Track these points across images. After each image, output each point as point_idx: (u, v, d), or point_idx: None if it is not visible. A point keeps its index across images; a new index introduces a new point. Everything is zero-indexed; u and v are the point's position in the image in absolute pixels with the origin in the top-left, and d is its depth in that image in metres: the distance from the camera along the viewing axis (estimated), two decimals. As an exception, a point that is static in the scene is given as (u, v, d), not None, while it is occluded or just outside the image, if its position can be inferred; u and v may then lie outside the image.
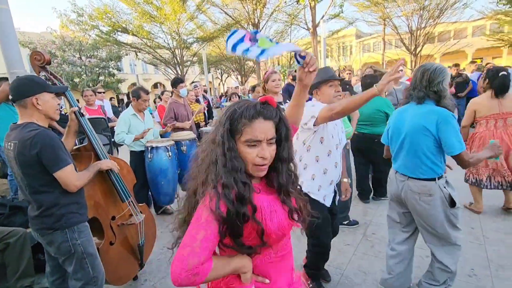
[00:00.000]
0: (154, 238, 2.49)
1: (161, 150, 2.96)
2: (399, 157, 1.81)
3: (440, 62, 20.77)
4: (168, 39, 15.37)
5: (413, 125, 1.70)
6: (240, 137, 0.83)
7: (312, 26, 13.46)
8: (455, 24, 19.52)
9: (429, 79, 1.65)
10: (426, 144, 1.66)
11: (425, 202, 1.68)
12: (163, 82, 28.18)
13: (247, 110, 0.83)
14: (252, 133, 0.82)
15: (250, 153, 0.83)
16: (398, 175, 1.83)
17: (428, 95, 1.66)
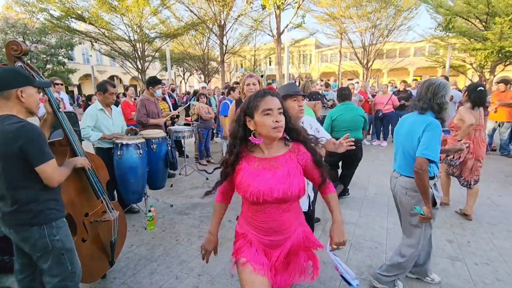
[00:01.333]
0: (125, 236, 2.48)
1: (132, 147, 2.92)
2: (397, 157, 2.09)
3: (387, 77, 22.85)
4: (129, 32, 14.61)
5: (409, 130, 1.94)
6: (258, 111, 1.20)
7: (276, 33, 13.95)
8: (401, 44, 21.86)
9: (434, 92, 1.86)
10: (413, 146, 1.88)
11: (411, 196, 1.94)
12: (120, 75, 26.56)
13: (259, 92, 1.24)
14: (265, 105, 1.19)
15: (267, 120, 1.18)
16: (394, 173, 2.12)
17: (432, 106, 1.87)
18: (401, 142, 2.03)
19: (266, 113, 1.18)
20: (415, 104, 1.97)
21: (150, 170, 3.26)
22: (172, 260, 2.58)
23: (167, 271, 2.41)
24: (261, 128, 1.20)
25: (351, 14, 18.55)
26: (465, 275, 2.31)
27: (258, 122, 1.20)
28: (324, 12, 19.06)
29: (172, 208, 3.71)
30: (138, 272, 2.41)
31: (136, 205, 3.56)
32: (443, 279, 2.25)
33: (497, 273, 2.32)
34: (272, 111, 1.18)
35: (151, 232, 3.10)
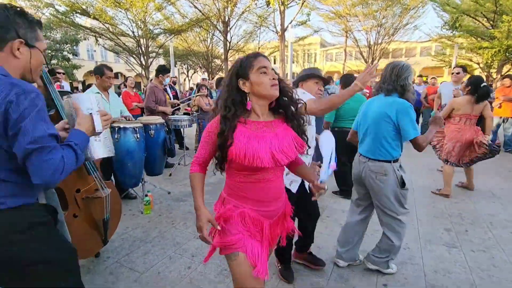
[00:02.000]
0: (119, 216, 2.48)
1: (129, 131, 2.93)
2: (365, 141, 2.06)
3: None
4: (133, 27, 14.68)
5: (378, 112, 1.94)
6: (252, 70, 1.16)
7: (280, 30, 13.91)
8: (406, 43, 21.65)
9: (398, 74, 1.89)
10: (387, 129, 1.90)
11: (381, 181, 1.94)
12: (124, 72, 26.68)
13: (253, 53, 1.22)
14: (259, 63, 1.16)
15: (264, 78, 1.16)
16: (361, 158, 2.08)
17: (395, 88, 1.90)
18: (370, 126, 2.00)
19: (262, 71, 1.15)
20: (380, 86, 1.99)
21: (147, 156, 3.27)
22: (166, 242, 2.58)
23: (161, 252, 2.42)
24: (259, 87, 1.15)
25: (356, 13, 18.40)
26: (461, 261, 2.27)
27: (255, 81, 1.15)
28: (329, 10, 18.94)
29: (170, 195, 3.72)
30: (132, 252, 2.42)
31: (133, 191, 3.57)
32: (438, 265, 2.23)
33: (493, 260, 2.28)
34: (267, 69, 1.16)
35: (147, 216, 3.11)
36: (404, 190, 1.96)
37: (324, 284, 2.03)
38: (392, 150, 1.94)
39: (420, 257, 2.35)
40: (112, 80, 3.21)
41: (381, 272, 2.11)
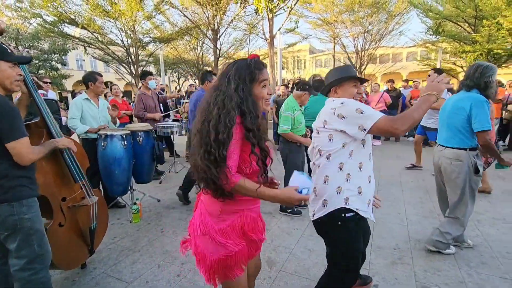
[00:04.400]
0: (106, 224, 2.43)
1: (116, 138, 2.89)
2: (441, 131, 2.28)
3: (380, 81, 23.31)
4: (122, 36, 14.64)
5: (454, 105, 2.18)
6: (257, 82, 1.15)
7: (269, 37, 14.08)
8: (393, 49, 22.15)
9: (482, 71, 2.08)
10: (460, 120, 2.11)
11: (455, 165, 2.15)
12: (114, 81, 26.56)
13: (257, 63, 1.16)
14: (263, 76, 1.16)
15: (263, 91, 1.17)
16: (438, 147, 2.33)
17: (478, 84, 2.09)
18: (445, 118, 2.24)
19: (264, 85, 1.16)
20: (462, 83, 2.20)
21: (136, 163, 3.23)
22: (155, 250, 2.53)
23: (150, 261, 2.37)
24: (258, 101, 1.16)
25: (343, 19, 18.80)
26: (450, 258, 2.29)
27: (256, 95, 1.15)
28: (317, 18, 19.34)
29: (160, 203, 3.66)
30: (120, 262, 2.36)
31: (122, 199, 3.51)
32: (427, 263, 2.24)
33: (481, 257, 2.31)
34: (267, 82, 1.17)
35: (136, 225, 3.05)
36: (477, 177, 2.16)
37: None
38: (466, 139, 2.14)
39: (410, 257, 2.36)
40: (104, 85, 3.24)
41: (370, 272, 2.11)
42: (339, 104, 1.39)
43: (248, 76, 1.12)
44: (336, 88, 1.57)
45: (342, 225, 1.40)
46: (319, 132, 1.48)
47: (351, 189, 1.37)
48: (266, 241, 2.65)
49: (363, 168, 1.41)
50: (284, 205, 3.16)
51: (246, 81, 1.12)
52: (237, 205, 1.19)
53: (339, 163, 1.39)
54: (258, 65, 1.15)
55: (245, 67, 1.13)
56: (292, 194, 1.10)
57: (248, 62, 1.15)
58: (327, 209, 1.40)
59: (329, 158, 1.41)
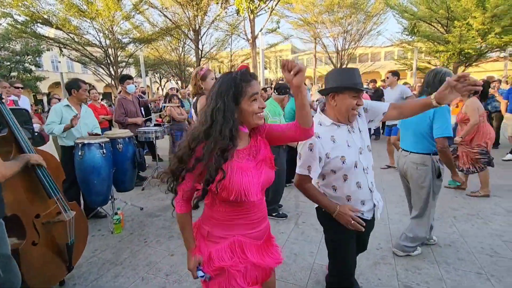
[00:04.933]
0: (85, 239, 2.34)
1: (94, 147, 2.79)
2: (406, 137, 2.33)
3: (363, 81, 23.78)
4: (100, 37, 14.16)
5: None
6: (245, 97, 1.06)
7: (251, 37, 14.08)
8: (371, 48, 22.77)
9: (441, 79, 2.13)
10: (424, 126, 2.15)
11: (421, 170, 2.20)
12: (93, 83, 25.63)
13: (244, 75, 1.07)
14: (252, 90, 1.07)
15: (253, 105, 1.08)
16: (403, 152, 2.36)
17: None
18: (410, 123, 2.25)
19: (254, 99, 1.07)
20: (423, 90, 2.26)
21: (116, 171, 3.13)
22: (138, 262, 2.46)
23: (133, 273, 2.30)
24: (248, 116, 1.08)
25: (323, 20, 19.16)
26: (430, 256, 2.38)
27: (246, 110, 1.06)
28: (298, 18, 19.57)
29: (142, 211, 3.57)
30: (101, 276, 2.28)
31: (102, 209, 3.39)
32: (408, 262, 2.31)
33: (458, 253, 2.41)
34: (258, 96, 1.08)
35: (118, 235, 2.96)
36: (439, 181, 2.25)
37: (301, 292, 2.03)
38: (431, 145, 2.17)
39: (392, 256, 2.42)
40: (88, 93, 3.19)
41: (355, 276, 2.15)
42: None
43: (232, 92, 1.04)
44: (335, 94, 1.45)
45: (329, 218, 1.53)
46: None
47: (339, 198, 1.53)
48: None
49: (348, 179, 1.50)
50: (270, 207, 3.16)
51: (230, 97, 1.04)
52: (226, 230, 1.14)
53: (332, 186, 1.55)
54: (244, 77, 1.06)
55: (230, 81, 1.06)
56: (191, 265, 1.15)
57: (233, 76, 1.07)
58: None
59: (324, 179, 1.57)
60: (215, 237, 1.15)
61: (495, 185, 4.00)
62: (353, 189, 1.51)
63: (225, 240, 1.13)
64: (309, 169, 1.45)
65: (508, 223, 2.91)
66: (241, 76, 1.06)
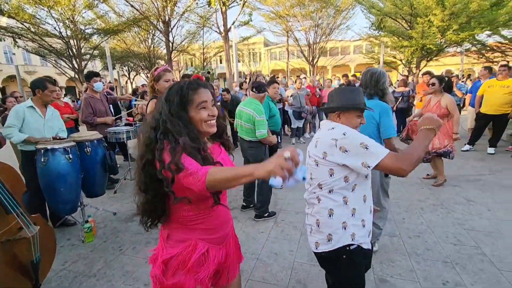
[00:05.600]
0: (54, 252, 2.18)
1: (59, 152, 2.58)
2: None
3: (331, 73, 24.51)
4: (60, 27, 13.09)
5: (365, 115, 2.06)
6: (192, 105, 1.07)
7: (224, 30, 13.81)
8: (341, 42, 23.43)
9: (377, 79, 2.17)
10: (372, 128, 2.14)
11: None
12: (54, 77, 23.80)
13: (191, 84, 1.08)
14: (200, 98, 1.08)
15: (202, 113, 1.08)
16: None
17: (376, 92, 2.18)
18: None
19: (202, 107, 1.08)
20: (366, 92, 2.23)
21: (85, 176, 2.94)
22: (114, 272, 2.35)
23: (108, 286, 2.19)
24: (196, 123, 1.08)
25: (295, 13, 19.30)
26: (401, 248, 2.52)
27: (194, 118, 1.08)
28: (270, 11, 19.51)
29: (116, 216, 3.41)
30: (73, 291, 2.15)
31: (71, 217, 3.18)
32: (383, 255, 2.43)
33: (426, 244, 2.58)
34: (207, 104, 1.09)
35: (89, 244, 2.80)
36: (388, 178, 2.32)
37: (283, 292, 2.06)
38: None
39: (367, 249, 2.53)
40: (55, 94, 2.92)
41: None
42: (341, 136, 1.27)
43: (177, 99, 1.05)
44: (340, 113, 1.42)
45: (347, 258, 1.32)
46: (318, 164, 1.35)
47: (356, 224, 1.32)
48: (232, 248, 2.63)
49: (367, 200, 1.37)
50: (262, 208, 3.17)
51: (175, 105, 1.06)
52: (186, 234, 1.12)
53: (343, 197, 1.32)
54: (191, 85, 1.08)
55: (177, 89, 1.07)
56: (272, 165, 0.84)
57: (181, 84, 1.08)
58: (333, 245, 1.32)
59: (332, 192, 1.33)
60: (174, 241, 1.13)
61: (455, 175, 4.32)
62: (367, 213, 1.37)
63: (183, 244, 1.11)
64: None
65: (468, 211, 3.16)
66: (188, 85, 1.08)
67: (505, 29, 13.63)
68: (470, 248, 2.48)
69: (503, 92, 5.05)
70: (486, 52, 16.19)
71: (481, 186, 3.88)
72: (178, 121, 1.04)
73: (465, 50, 16.06)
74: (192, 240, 1.12)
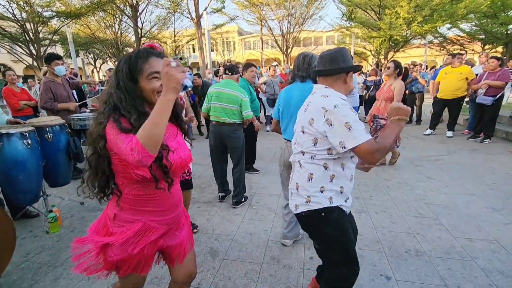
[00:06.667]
0: (12, 243, 2.03)
1: (15, 137, 2.39)
2: (289, 127, 2.16)
3: (305, 63, 24.80)
4: (13, 9, 11.95)
5: (300, 98, 1.97)
6: (142, 75, 1.01)
7: (195, 16, 13.40)
8: (314, 33, 23.78)
9: (309, 62, 2.11)
10: None
11: None
12: (9, 64, 21.74)
13: (140, 52, 1.02)
14: (150, 68, 1.00)
15: (154, 83, 1.01)
16: (288, 143, 2.17)
17: (308, 75, 2.12)
18: (295, 111, 1.90)
19: (153, 77, 1.01)
20: (295, 74, 2.20)
21: (47, 164, 2.76)
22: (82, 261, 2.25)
23: (76, 274, 2.10)
24: (147, 94, 1.02)
25: (268, 1, 19.17)
26: (369, 223, 2.66)
27: (144, 88, 1.02)
28: (243, -2, 19.22)
29: (83, 206, 3.26)
30: (37, 282, 2.04)
31: (33, 208, 2.99)
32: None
33: (391, 218, 2.75)
34: (159, 76, 1.01)
35: (55, 235, 2.66)
36: None
37: (258, 269, 2.10)
38: None
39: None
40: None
41: (306, 247, 2.31)
42: (332, 107, 1.25)
43: (126, 69, 1.00)
44: (346, 77, 1.40)
45: (326, 216, 1.36)
46: (304, 131, 1.37)
47: (334, 189, 1.36)
48: (208, 231, 2.63)
49: (345, 168, 1.37)
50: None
51: (125, 75, 1.00)
52: (133, 215, 1.09)
53: (324, 163, 1.35)
54: (141, 54, 1.01)
55: (125, 60, 1.02)
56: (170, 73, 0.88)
57: (129, 54, 1.04)
58: (311, 207, 1.37)
59: (313, 158, 1.36)
60: (121, 221, 1.10)
61: (418, 156, 4.63)
62: (347, 180, 1.40)
63: (131, 225, 1.09)
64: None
65: (428, 188, 3.41)
66: (137, 53, 1.02)
67: (464, 22, 14.56)
68: (430, 219, 2.68)
69: (457, 78, 5.45)
70: (447, 44, 17.24)
71: (440, 165, 4.19)
72: (124, 95, 0.99)
73: (429, 42, 16.99)
74: (141, 221, 1.09)
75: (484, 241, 2.31)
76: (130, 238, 1.07)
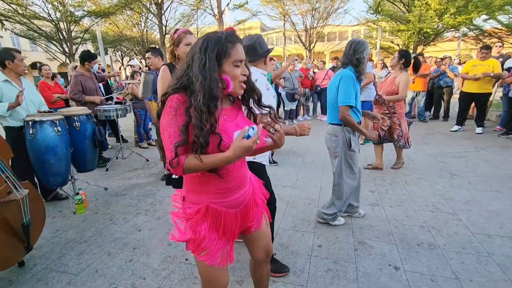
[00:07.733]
0: (43, 218, 2.23)
1: (47, 124, 2.61)
2: (328, 109, 2.37)
3: (329, 59, 24.17)
4: (48, 9, 12.75)
5: (331, 84, 2.26)
6: (228, 59, 0.99)
7: (218, 12, 13.56)
8: (339, 27, 23.14)
9: (355, 48, 2.16)
10: (334, 97, 2.21)
11: (332, 141, 2.31)
12: (45, 62, 23.32)
13: (230, 36, 1.00)
14: (237, 54, 1.00)
15: (236, 70, 1.00)
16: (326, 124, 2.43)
17: (351, 61, 2.19)
18: (328, 95, 2.33)
19: (237, 65, 1.00)
20: (344, 61, 2.26)
21: (75, 151, 2.99)
22: (104, 239, 2.43)
23: (98, 250, 2.27)
24: (231, 78, 1.01)
25: (292, -4, 18.92)
26: (382, 216, 2.62)
27: (228, 73, 1.00)
28: (266, -7, 19.11)
29: (107, 191, 3.48)
30: (64, 255, 2.23)
31: (63, 191, 3.24)
32: (364, 221, 2.53)
33: (406, 211, 2.68)
34: (242, 63, 1.02)
35: (81, 215, 2.87)
36: (351, 151, 2.30)
37: (266, 254, 2.15)
38: None
39: (349, 217, 2.63)
40: (25, 63, 2.86)
41: (315, 235, 2.33)
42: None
43: (217, 49, 0.97)
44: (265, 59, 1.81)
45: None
46: None
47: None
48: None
49: None
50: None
51: (214, 56, 0.97)
52: (198, 196, 1.09)
53: None
54: (231, 38, 0.99)
55: (216, 38, 0.98)
56: (240, 143, 0.91)
57: (219, 34, 1.00)
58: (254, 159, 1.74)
59: None
60: (189, 202, 1.11)
61: (441, 152, 4.43)
62: None
63: (197, 206, 1.08)
64: None
65: (450, 184, 3.27)
66: (227, 37, 0.99)
67: (501, 13, 13.52)
68: (447, 214, 2.59)
69: (485, 70, 5.10)
70: (483, 37, 16.09)
71: (465, 162, 3.98)
72: (205, 74, 0.95)
73: (463, 35, 15.97)
74: (204, 204, 1.08)
75: (504, 238, 2.19)
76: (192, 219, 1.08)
